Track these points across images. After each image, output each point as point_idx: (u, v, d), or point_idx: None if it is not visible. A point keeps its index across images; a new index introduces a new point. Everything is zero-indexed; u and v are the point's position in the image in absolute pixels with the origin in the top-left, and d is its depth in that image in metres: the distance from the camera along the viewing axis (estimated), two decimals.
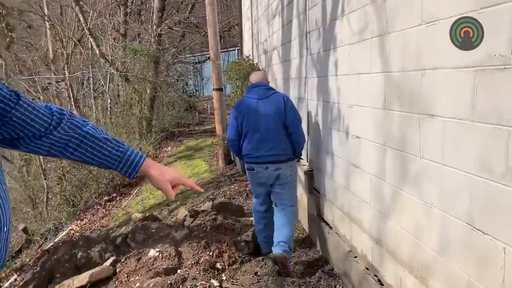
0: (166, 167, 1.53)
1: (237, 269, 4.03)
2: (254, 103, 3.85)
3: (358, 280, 3.23)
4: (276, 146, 3.81)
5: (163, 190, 1.47)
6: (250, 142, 3.87)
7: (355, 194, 3.24)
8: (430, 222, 2.16)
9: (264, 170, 3.85)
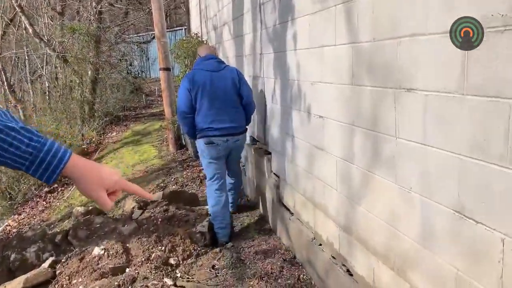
0: (101, 166, 1.13)
1: (192, 263, 3.71)
2: (209, 75, 3.80)
3: (324, 269, 3.02)
4: (236, 118, 3.93)
5: (96, 200, 1.08)
6: (208, 115, 3.82)
7: (319, 178, 3.00)
8: (408, 209, 1.94)
9: (225, 142, 3.90)
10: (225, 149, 3.95)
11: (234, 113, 3.91)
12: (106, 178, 1.08)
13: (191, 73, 3.93)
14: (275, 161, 4.07)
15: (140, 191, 1.20)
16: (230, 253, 3.85)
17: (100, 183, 1.07)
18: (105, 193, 1.08)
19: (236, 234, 4.29)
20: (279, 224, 4.03)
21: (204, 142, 3.89)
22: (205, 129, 3.84)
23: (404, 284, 2.04)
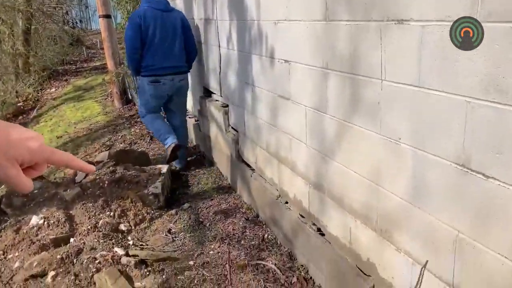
0: (12, 125, 0.69)
1: (146, 228, 3.38)
2: (160, 14, 3.85)
3: (291, 229, 2.80)
4: (181, 58, 4.06)
5: (3, 180, 0.67)
6: (156, 53, 3.87)
7: (285, 131, 2.70)
8: (396, 163, 1.69)
9: (170, 81, 4.01)
10: (170, 89, 4.05)
11: (180, 53, 4.03)
12: (18, 144, 0.67)
13: (141, 10, 3.85)
14: (233, 114, 3.72)
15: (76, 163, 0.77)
16: (187, 215, 3.55)
17: (7, 153, 0.66)
18: (17, 167, 0.67)
19: (192, 194, 3.98)
20: (239, 182, 3.75)
21: (149, 80, 3.95)
22: (152, 67, 3.90)
23: (388, 246, 1.83)
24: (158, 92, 4.03)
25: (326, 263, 2.37)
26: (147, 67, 3.90)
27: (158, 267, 2.82)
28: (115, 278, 2.61)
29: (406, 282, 1.74)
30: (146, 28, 3.76)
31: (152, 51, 3.84)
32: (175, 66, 4.01)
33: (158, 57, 3.87)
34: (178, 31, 3.95)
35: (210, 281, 2.68)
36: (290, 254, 2.85)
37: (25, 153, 0.67)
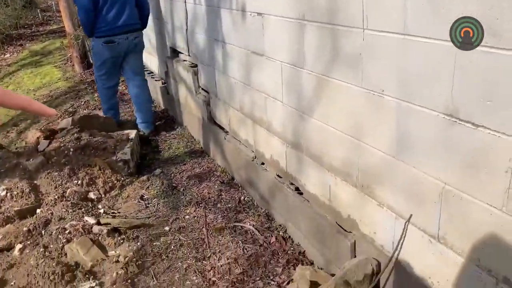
0: None
1: (117, 196, 3.26)
2: None
3: (268, 190, 2.75)
4: (133, 15, 3.98)
5: None
6: (108, 13, 3.83)
7: (260, 89, 2.59)
8: (379, 116, 1.63)
9: (125, 40, 3.98)
10: (127, 48, 4.03)
11: (132, 11, 3.96)
12: None
13: None
14: (202, 75, 3.57)
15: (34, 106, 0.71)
16: (160, 181, 3.44)
17: None
18: None
19: (164, 160, 3.86)
20: (212, 145, 3.64)
21: (104, 41, 3.92)
22: (106, 28, 3.87)
23: (369, 202, 1.80)
24: (114, 53, 4.00)
25: (305, 221, 2.34)
26: (101, 28, 3.86)
27: (132, 235, 2.73)
28: (87, 247, 2.51)
29: (389, 237, 1.73)
30: None
31: (105, 12, 3.80)
32: (129, 24, 3.95)
33: (111, 17, 3.83)
34: None
35: (187, 245, 2.62)
36: (267, 215, 2.82)
37: None
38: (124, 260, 2.46)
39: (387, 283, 1.75)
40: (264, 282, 2.24)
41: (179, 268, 2.43)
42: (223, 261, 2.45)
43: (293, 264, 2.36)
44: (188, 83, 3.86)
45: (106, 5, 3.80)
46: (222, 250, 2.54)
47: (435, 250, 1.50)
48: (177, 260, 2.50)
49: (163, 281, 2.34)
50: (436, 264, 1.51)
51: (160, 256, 2.53)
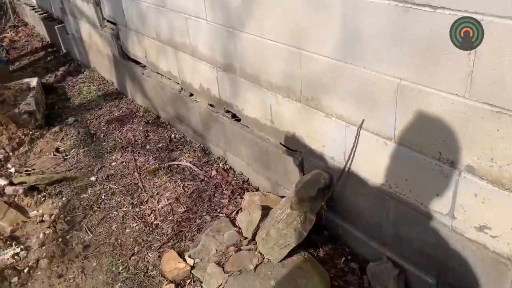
0: None
1: (27, 151, 2.87)
2: None
3: (201, 122, 2.56)
4: None
5: None
6: None
7: (177, 10, 2.30)
8: (321, 18, 1.48)
9: None
10: None
11: None
12: None
13: None
14: (106, 4, 3.13)
15: None
16: (75, 130, 3.08)
17: None
18: None
19: (75, 107, 3.45)
20: (129, 84, 3.30)
21: None
22: None
23: (315, 115, 1.69)
24: None
25: (246, 148, 2.22)
26: None
27: (54, 191, 2.42)
28: (3, 212, 2.19)
29: (339, 147, 1.66)
30: None
31: None
32: None
33: None
34: None
35: (120, 193, 2.39)
36: (203, 149, 2.65)
37: None
38: (50, 218, 2.18)
39: (343, 194, 1.71)
40: (212, 215, 2.12)
41: (115, 217, 2.21)
42: (163, 202, 2.27)
43: (238, 194, 2.25)
44: (90, 17, 3.39)
45: None
46: (160, 192, 2.35)
47: (391, 151, 1.45)
48: (111, 209, 2.27)
49: (99, 233, 2.12)
50: (393, 166, 1.47)
51: (91, 208, 2.29)
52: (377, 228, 1.65)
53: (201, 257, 1.81)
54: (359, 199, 1.67)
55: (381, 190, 1.56)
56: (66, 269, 1.91)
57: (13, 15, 5.59)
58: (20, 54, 4.71)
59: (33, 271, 1.90)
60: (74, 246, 2.03)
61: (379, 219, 1.62)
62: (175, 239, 2.01)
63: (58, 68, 4.17)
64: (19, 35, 5.30)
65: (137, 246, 2.01)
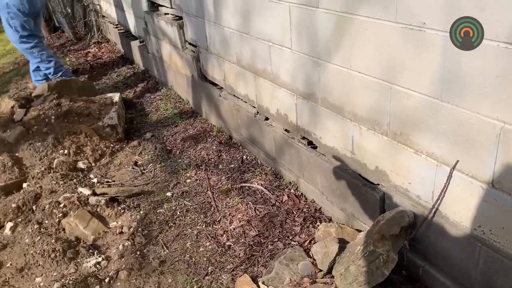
0: None
1: (108, 163, 3.03)
2: None
3: (274, 146, 2.58)
4: None
5: None
6: None
7: (261, 38, 2.36)
8: (419, 54, 1.45)
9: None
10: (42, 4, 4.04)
11: None
12: None
13: None
14: (189, 27, 3.28)
15: None
16: (153, 145, 3.22)
17: None
18: None
19: (152, 123, 3.62)
20: (204, 104, 3.42)
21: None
22: None
23: (403, 150, 1.66)
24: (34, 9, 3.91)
25: (321, 176, 2.20)
26: None
27: (132, 203, 2.54)
28: (86, 220, 2.32)
29: (428, 186, 1.60)
30: None
31: None
32: None
33: None
34: None
35: (194, 210, 2.45)
36: (275, 173, 2.67)
37: None
38: (128, 231, 2.28)
39: (427, 235, 1.65)
40: (284, 243, 2.12)
41: (189, 234, 2.28)
42: (235, 224, 2.31)
43: (310, 222, 2.24)
44: (172, 39, 3.57)
45: None
46: (232, 213, 2.39)
47: (488, 196, 1.38)
48: (185, 226, 2.34)
49: (175, 249, 2.18)
50: (488, 211, 1.40)
51: (166, 223, 2.37)
52: (463, 275, 1.57)
53: (275, 285, 1.81)
54: (445, 242, 1.60)
55: (471, 235, 1.48)
56: (144, 282, 1.98)
57: (97, 32, 6.00)
58: (102, 69, 5.04)
59: (113, 282, 1.99)
60: (151, 261, 2.10)
61: (467, 265, 1.54)
62: (247, 263, 2.03)
63: (137, 84, 4.41)
64: (101, 51, 5.68)
65: (211, 266, 2.04)
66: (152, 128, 3.52)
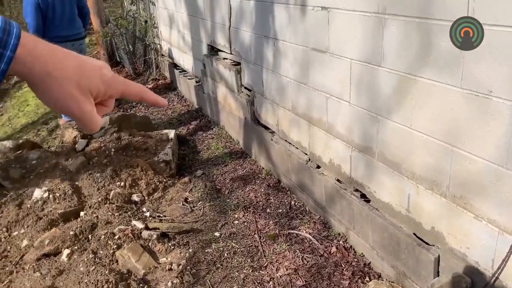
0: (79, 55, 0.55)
1: (160, 198, 3.14)
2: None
3: (325, 195, 2.59)
4: (79, 25, 4.72)
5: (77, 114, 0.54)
6: (57, 25, 4.45)
7: (319, 89, 2.44)
8: (484, 120, 1.46)
9: (72, 46, 4.51)
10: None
11: (78, 21, 4.68)
12: (92, 72, 0.54)
13: None
14: (247, 73, 3.43)
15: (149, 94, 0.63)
16: (202, 182, 3.31)
17: (81, 83, 0.53)
18: (92, 101, 0.55)
19: (203, 160, 3.73)
20: (255, 146, 3.50)
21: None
22: (55, 37, 4.30)
23: (462, 214, 1.63)
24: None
25: (373, 231, 2.19)
26: (54, 38, 4.27)
27: (182, 240, 2.60)
28: (138, 254, 2.40)
29: (487, 253, 1.56)
30: (46, 6, 4.30)
31: (56, 24, 4.42)
32: (76, 34, 4.64)
33: (62, 28, 4.47)
34: (73, 4, 4.57)
35: (241, 253, 2.48)
36: (323, 222, 2.66)
37: (100, 84, 0.55)
38: (178, 268, 2.33)
39: None
40: None
41: (236, 278, 2.30)
42: (282, 271, 2.31)
43: (359, 277, 2.20)
44: (229, 82, 3.73)
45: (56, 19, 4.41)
46: (279, 260, 2.40)
47: None
48: (232, 269, 2.36)
49: None
50: None
51: (214, 264, 2.40)
52: None
53: None
54: None
55: None
56: None
57: (156, 70, 6.34)
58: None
59: None
60: None
61: None
62: None
63: (190, 121, 4.59)
64: (159, 87, 5.97)
65: None
66: (203, 165, 3.63)
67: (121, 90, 0.59)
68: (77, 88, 0.52)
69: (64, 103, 0.52)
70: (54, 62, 0.51)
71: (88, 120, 0.55)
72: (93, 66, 0.55)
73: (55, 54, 0.51)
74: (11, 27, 0.48)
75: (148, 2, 6.39)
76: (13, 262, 2.51)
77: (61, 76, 0.51)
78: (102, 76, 0.55)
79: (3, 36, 0.47)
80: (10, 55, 0.47)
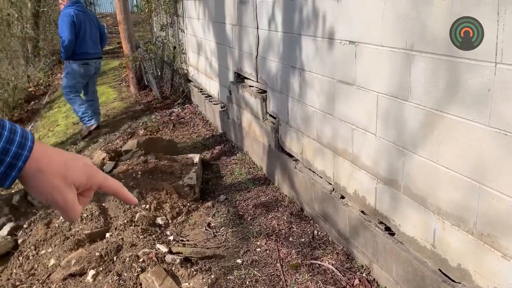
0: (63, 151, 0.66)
1: (183, 222, 3.18)
2: (82, 15, 5.17)
3: (349, 227, 2.59)
4: (99, 46, 5.52)
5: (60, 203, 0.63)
6: (85, 43, 5.21)
7: (345, 120, 2.47)
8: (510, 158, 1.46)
9: (94, 63, 5.40)
10: (94, 69, 5.43)
11: (97, 43, 5.45)
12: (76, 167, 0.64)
13: (71, 10, 5.08)
14: (272, 101, 3.49)
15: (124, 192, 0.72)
16: (225, 208, 3.35)
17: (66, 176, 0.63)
18: (74, 192, 0.64)
19: (227, 186, 3.77)
20: (278, 173, 3.53)
21: (81, 63, 5.24)
22: (83, 53, 5.20)
23: (489, 252, 1.61)
24: (87, 72, 5.34)
25: (398, 265, 2.16)
26: (81, 54, 5.17)
27: (204, 266, 2.62)
28: (162, 278, 2.42)
29: None
30: (79, 25, 5.07)
31: (82, 42, 5.16)
32: (97, 52, 5.42)
33: (88, 46, 5.23)
34: (96, 25, 5.38)
35: (262, 282, 2.48)
36: (347, 253, 2.65)
37: (83, 177, 0.64)
38: None
39: None
40: None
41: None
42: None
43: None
44: (254, 109, 3.80)
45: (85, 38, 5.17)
46: None
47: None
48: None
49: None
50: None
51: None
52: None
53: None
54: None
55: None
56: None
57: (182, 94, 6.49)
58: (183, 129, 5.40)
59: None
60: None
61: None
62: None
63: (214, 146, 4.66)
64: (184, 111, 6.11)
65: None
66: (226, 191, 3.67)
67: (100, 182, 0.67)
68: (63, 181, 0.61)
69: (50, 194, 0.61)
70: (45, 160, 0.60)
71: (70, 208, 0.63)
72: (77, 160, 0.64)
73: (47, 152, 0.61)
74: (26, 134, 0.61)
75: (178, 29, 6.61)
76: (40, 281, 2.57)
77: (50, 171, 0.60)
78: (85, 171, 0.64)
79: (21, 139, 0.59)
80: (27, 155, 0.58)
